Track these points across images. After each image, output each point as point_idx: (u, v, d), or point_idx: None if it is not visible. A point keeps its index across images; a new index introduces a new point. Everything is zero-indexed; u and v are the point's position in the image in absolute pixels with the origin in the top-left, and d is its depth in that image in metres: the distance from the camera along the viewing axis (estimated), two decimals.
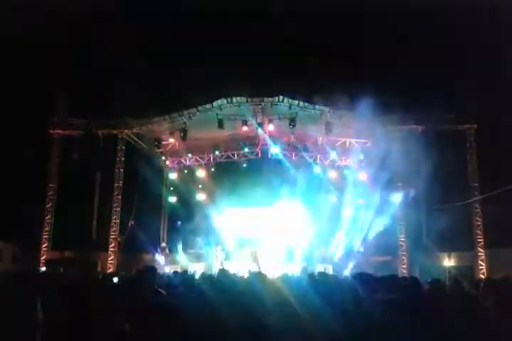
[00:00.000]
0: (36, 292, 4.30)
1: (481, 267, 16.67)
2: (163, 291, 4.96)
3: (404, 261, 17.35)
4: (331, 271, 16.61)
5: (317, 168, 19.88)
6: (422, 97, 16.17)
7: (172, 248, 19.43)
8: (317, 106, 16.95)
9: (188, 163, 20.90)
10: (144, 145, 19.24)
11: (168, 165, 20.91)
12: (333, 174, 19.93)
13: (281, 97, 16.71)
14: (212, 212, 20.02)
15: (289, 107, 16.90)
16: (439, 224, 15.15)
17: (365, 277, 3.84)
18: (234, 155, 20.39)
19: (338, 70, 15.75)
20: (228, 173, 20.21)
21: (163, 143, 19.08)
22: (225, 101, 16.84)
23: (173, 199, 20.96)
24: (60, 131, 17.91)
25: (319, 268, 15.17)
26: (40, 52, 16.59)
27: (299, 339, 3.29)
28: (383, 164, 17.02)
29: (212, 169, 20.65)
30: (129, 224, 18.17)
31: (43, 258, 17.19)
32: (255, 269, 14.71)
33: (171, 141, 18.88)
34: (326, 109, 16.90)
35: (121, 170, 18.17)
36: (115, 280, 7.32)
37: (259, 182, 19.14)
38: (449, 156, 15.65)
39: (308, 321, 3.25)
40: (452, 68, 16.56)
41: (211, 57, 15.34)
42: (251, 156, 20.07)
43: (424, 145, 14.67)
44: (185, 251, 19.09)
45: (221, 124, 16.99)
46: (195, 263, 17.90)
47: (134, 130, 18.33)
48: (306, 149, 19.54)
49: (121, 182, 18.08)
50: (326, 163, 20.08)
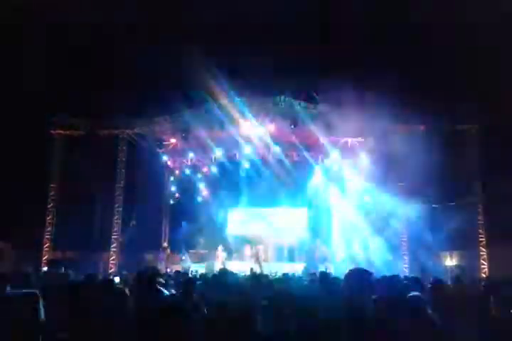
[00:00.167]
0: (38, 292, 4.31)
1: (482, 266, 16.66)
2: (166, 291, 4.98)
3: (406, 261, 17.34)
4: (332, 270, 16.62)
5: (318, 168, 19.88)
6: (424, 97, 16.14)
7: (174, 248, 19.45)
8: (318, 106, 16.95)
9: (189, 163, 20.91)
10: (146, 146, 19.25)
11: (169, 165, 20.92)
12: (334, 174, 19.91)
13: (282, 97, 16.70)
14: (214, 211, 20.06)
15: (290, 107, 16.90)
16: (440, 223, 15.14)
17: (364, 275, 3.82)
18: (235, 155, 20.39)
19: (339, 70, 15.74)
20: (230, 173, 20.21)
21: (165, 143, 19.11)
22: (227, 101, 16.86)
23: (174, 199, 21.00)
24: (61, 131, 17.95)
25: (320, 268, 15.17)
26: (41, 52, 16.60)
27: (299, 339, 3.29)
28: (385, 163, 17.02)
29: (214, 169, 20.67)
30: (131, 224, 18.21)
31: (45, 258, 17.23)
32: (257, 269, 14.73)
33: (173, 141, 18.90)
34: (327, 109, 16.89)
35: (123, 171, 18.19)
36: (116, 280, 7.33)
37: (261, 182, 19.15)
38: (450, 156, 15.64)
39: (308, 321, 3.25)
40: (453, 68, 16.53)
41: (211, 57, 15.32)
42: (252, 156, 20.06)
43: (426, 145, 14.66)
44: (187, 251, 19.11)
45: (222, 124, 17.00)
46: (197, 263, 17.92)
47: (136, 130, 18.35)
48: (307, 149, 19.53)
49: (122, 182, 18.10)
50: (328, 162, 20.06)
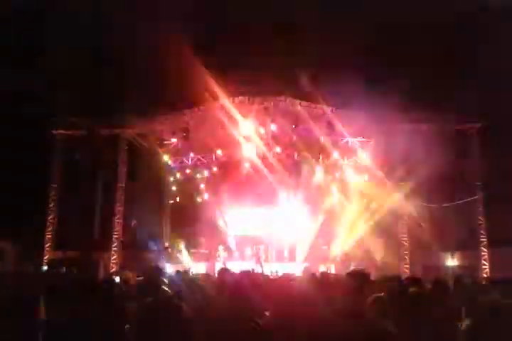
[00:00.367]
0: (39, 291, 4.32)
1: (484, 266, 16.63)
2: (169, 290, 4.97)
3: (407, 261, 17.33)
4: (333, 270, 16.63)
5: (319, 168, 19.84)
6: (425, 96, 16.11)
7: (174, 247, 19.44)
8: (319, 106, 16.93)
9: (190, 162, 20.89)
10: (147, 145, 19.24)
11: (170, 165, 20.90)
12: (335, 173, 19.89)
13: (283, 96, 16.69)
14: (215, 211, 20.04)
15: (291, 106, 16.89)
16: (441, 223, 15.12)
17: (365, 275, 3.82)
18: (236, 155, 20.36)
19: (339, 69, 15.70)
20: (231, 173, 20.18)
21: (166, 142, 19.08)
22: (227, 101, 16.85)
23: (175, 198, 20.97)
24: (62, 131, 17.95)
25: (321, 268, 15.18)
26: (41, 52, 16.59)
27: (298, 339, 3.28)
28: (386, 163, 17.00)
29: (215, 168, 20.64)
30: (132, 224, 18.21)
31: (46, 257, 17.24)
32: (258, 269, 14.73)
33: (174, 140, 18.88)
34: (329, 108, 16.88)
35: (124, 170, 18.19)
36: (117, 279, 7.33)
37: (262, 181, 19.12)
38: (451, 155, 15.61)
39: (308, 321, 3.24)
40: (453, 67, 16.50)
41: (212, 57, 15.30)
42: (253, 155, 20.03)
43: (427, 144, 14.64)
44: (187, 251, 19.10)
45: (223, 124, 16.99)
46: (198, 263, 17.92)
47: (137, 130, 18.34)
48: (308, 148, 19.50)
49: (123, 182, 18.10)
50: (328, 162, 20.03)
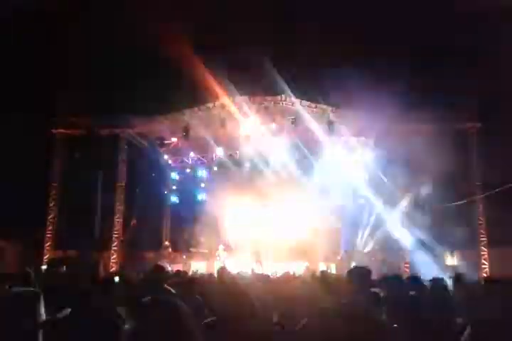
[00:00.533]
0: (39, 291, 4.31)
1: (483, 266, 16.63)
2: (173, 290, 4.96)
3: (407, 260, 17.31)
4: (333, 270, 16.62)
5: (320, 167, 19.84)
6: (425, 96, 16.11)
7: (174, 247, 19.45)
8: (320, 105, 16.92)
9: (190, 162, 20.90)
10: (146, 145, 19.25)
11: (170, 164, 20.92)
12: (335, 173, 19.87)
13: (283, 96, 16.69)
14: (215, 211, 20.03)
15: (292, 106, 16.89)
16: (441, 222, 15.11)
17: (365, 274, 3.81)
18: (236, 154, 20.36)
19: (339, 69, 15.70)
20: (231, 172, 20.18)
21: (166, 142, 19.08)
22: (227, 100, 16.85)
23: (175, 198, 20.99)
24: (62, 130, 17.95)
25: (322, 267, 15.18)
26: (41, 51, 16.59)
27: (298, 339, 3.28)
28: (386, 163, 16.99)
29: (215, 168, 20.64)
30: (132, 224, 18.21)
31: (46, 257, 17.25)
32: (258, 268, 14.73)
33: (173, 140, 18.89)
34: (329, 108, 16.88)
35: (124, 170, 18.20)
36: (116, 279, 7.31)
37: (262, 181, 19.12)
38: (452, 155, 15.60)
39: (308, 321, 3.25)
40: (454, 66, 16.50)
41: (212, 57, 15.30)
42: (253, 155, 20.02)
43: (427, 144, 14.63)
44: (187, 251, 19.10)
45: (223, 123, 16.99)
46: (198, 263, 17.92)
47: (136, 129, 18.35)
48: (308, 148, 19.49)
49: (123, 181, 18.10)
50: (329, 161, 20.01)
